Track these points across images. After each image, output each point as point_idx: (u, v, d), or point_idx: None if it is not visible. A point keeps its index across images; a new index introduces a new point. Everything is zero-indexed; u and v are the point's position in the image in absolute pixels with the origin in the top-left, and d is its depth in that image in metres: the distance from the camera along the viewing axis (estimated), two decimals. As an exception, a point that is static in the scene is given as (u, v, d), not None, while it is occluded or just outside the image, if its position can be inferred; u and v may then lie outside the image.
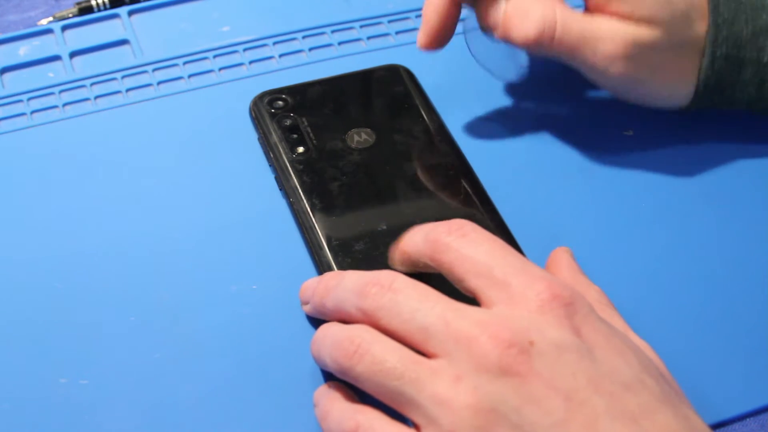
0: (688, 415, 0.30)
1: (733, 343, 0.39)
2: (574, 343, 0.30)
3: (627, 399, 0.29)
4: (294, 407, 0.37)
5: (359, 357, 0.32)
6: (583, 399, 0.29)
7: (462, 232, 0.33)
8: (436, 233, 0.34)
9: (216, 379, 0.38)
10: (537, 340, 0.30)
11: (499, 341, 0.30)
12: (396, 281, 0.33)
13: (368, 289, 0.33)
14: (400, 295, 0.32)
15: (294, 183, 0.43)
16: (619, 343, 0.31)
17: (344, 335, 0.33)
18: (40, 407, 0.37)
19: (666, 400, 0.30)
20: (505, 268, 0.32)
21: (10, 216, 0.44)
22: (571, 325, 0.30)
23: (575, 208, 0.44)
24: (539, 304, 0.31)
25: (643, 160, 0.46)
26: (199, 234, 0.43)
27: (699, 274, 0.42)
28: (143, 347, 0.39)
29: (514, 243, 0.41)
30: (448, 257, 0.33)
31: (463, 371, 0.30)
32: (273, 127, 0.46)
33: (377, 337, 0.32)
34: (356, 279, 0.34)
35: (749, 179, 0.46)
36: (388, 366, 0.31)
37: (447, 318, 0.31)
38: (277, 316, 0.40)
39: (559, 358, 0.30)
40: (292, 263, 0.42)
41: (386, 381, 0.31)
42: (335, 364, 0.33)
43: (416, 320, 0.31)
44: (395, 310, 0.32)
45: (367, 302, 0.33)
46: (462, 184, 0.43)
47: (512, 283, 0.31)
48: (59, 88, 0.49)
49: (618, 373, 0.30)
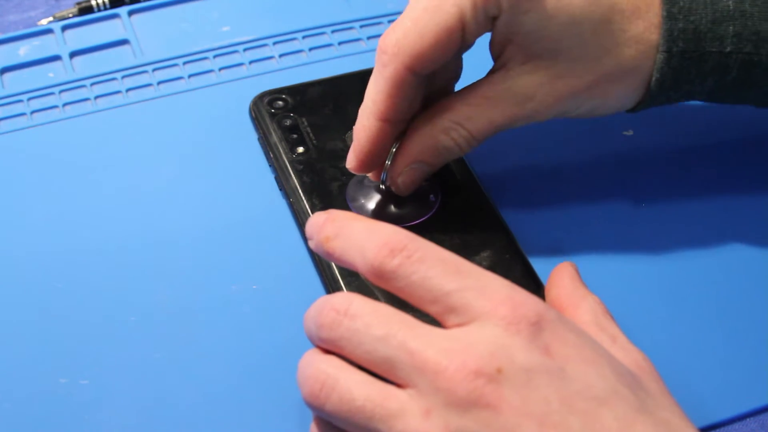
0: (669, 420, 0.30)
1: (733, 343, 0.39)
2: (543, 364, 0.29)
3: (602, 414, 0.29)
4: (294, 407, 0.37)
5: (326, 396, 0.31)
6: (556, 422, 0.28)
7: (406, 252, 0.31)
8: (377, 257, 0.31)
9: (216, 379, 0.38)
10: (505, 366, 0.29)
11: (466, 372, 0.29)
12: (352, 305, 0.31)
13: (323, 318, 0.32)
14: (357, 322, 0.31)
15: (294, 183, 0.43)
16: (591, 354, 0.30)
17: (309, 372, 0.31)
18: (40, 407, 0.37)
19: (643, 408, 0.29)
20: (463, 292, 0.30)
21: (10, 216, 0.44)
22: (539, 345, 0.30)
23: (575, 208, 0.44)
24: (504, 328, 0.30)
25: (643, 160, 0.46)
26: (199, 234, 0.43)
27: (699, 274, 0.42)
28: (143, 347, 0.39)
29: (514, 244, 0.41)
30: (396, 285, 0.31)
31: (431, 404, 0.29)
32: (273, 127, 0.46)
33: (341, 371, 0.31)
34: (314, 307, 0.33)
35: (750, 178, 0.46)
36: (357, 404, 0.30)
37: (410, 347, 0.30)
38: (277, 316, 0.40)
39: (529, 382, 0.29)
40: (292, 263, 0.42)
41: (356, 420, 0.30)
42: (307, 403, 0.32)
43: (379, 351, 0.30)
44: (355, 341, 0.31)
45: (324, 332, 0.32)
46: (458, 178, 0.43)
47: (473, 306, 0.30)
48: (59, 88, 0.49)
49: (591, 387, 0.29)
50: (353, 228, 0.33)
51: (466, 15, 0.37)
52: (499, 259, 0.40)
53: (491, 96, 0.39)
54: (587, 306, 0.35)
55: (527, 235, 0.42)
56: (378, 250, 0.31)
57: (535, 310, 0.30)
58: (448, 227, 0.41)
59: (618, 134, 0.48)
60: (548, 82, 0.38)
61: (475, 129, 0.39)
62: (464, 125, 0.39)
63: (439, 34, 0.37)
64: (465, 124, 0.39)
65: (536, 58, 0.38)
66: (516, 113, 0.39)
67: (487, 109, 0.39)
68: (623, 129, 0.48)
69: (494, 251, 0.40)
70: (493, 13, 0.37)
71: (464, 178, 0.43)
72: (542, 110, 0.39)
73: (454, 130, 0.39)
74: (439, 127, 0.39)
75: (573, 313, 0.35)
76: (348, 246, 0.32)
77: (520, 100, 0.39)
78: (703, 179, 0.46)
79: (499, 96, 0.39)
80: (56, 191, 0.45)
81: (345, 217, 0.33)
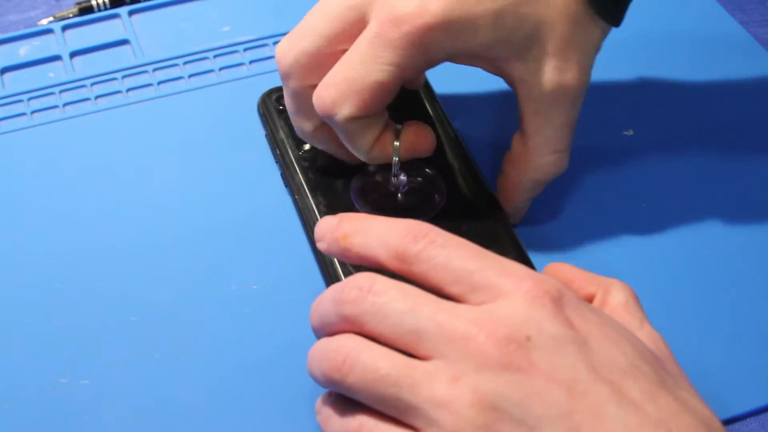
0: (686, 399, 0.30)
1: (733, 343, 0.39)
2: (570, 334, 0.30)
3: (627, 385, 0.29)
4: (294, 407, 0.37)
5: (349, 367, 0.31)
6: (585, 389, 0.29)
7: (429, 238, 0.32)
8: (401, 243, 0.32)
9: (216, 379, 0.38)
10: (533, 334, 0.30)
11: (496, 338, 0.29)
12: (376, 283, 0.31)
13: (346, 295, 0.32)
14: (382, 298, 0.31)
15: (299, 180, 0.43)
16: (612, 332, 0.31)
17: (330, 347, 0.32)
18: (40, 407, 0.37)
19: (663, 384, 0.30)
20: (486, 271, 0.31)
21: (10, 216, 0.44)
22: (564, 318, 0.30)
23: (575, 208, 0.44)
24: (529, 301, 0.30)
25: (643, 160, 0.46)
26: (199, 234, 0.43)
27: (700, 273, 0.42)
28: (143, 347, 0.39)
29: (517, 244, 0.41)
30: (419, 268, 0.32)
31: (460, 371, 0.29)
32: (280, 123, 0.46)
33: (365, 345, 0.31)
34: (334, 288, 0.33)
35: (751, 178, 0.46)
36: (382, 373, 0.30)
37: (438, 319, 0.30)
38: (278, 316, 0.40)
39: (558, 350, 0.29)
40: (296, 261, 0.42)
41: (381, 389, 0.30)
42: (325, 378, 0.32)
43: (405, 323, 0.30)
44: (381, 314, 0.31)
45: (347, 308, 0.32)
46: (463, 178, 0.43)
47: (497, 283, 0.31)
48: (59, 88, 0.50)
49: (615, 361, 0.30)
50: (372, 223, 0.33)
51: (396, 75, 0.37)
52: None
53: (539, 110, 0.39)
54: (618, 290, 0.35)
55: (529, 234, 0.42)
56: (402, 237, 0.32)
57: (557, 287, 0.31)
58: (453, 227, 0.41)
59: (618, 134, 0.48)
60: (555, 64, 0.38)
61: (557, 145, 0.40)
62: (548, 150, 0.40)
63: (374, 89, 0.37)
64: (548, 148, 0.40)
65: (521, 58, 0.38)
66: (570, 107, 0.40)
67: (549, 118, 0.39)
68: (623, 129, 0.48)
69: (498, 251, 0.40)
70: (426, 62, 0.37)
71: (469, 179, 0.43)
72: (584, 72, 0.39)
73: (545, 164, 0.40)
74: (530, 171, 0.41)
75: (603, 299, 0.35)
76: (369, 239, 0.33)
77: (560, 95, 0.39)
78: (704, 179, 0.46)
79: (543, 104, 0.39)
80: (56, 191, 0.45)
81: (361, 216, 0.34)
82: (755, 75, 0.51)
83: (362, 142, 0.39)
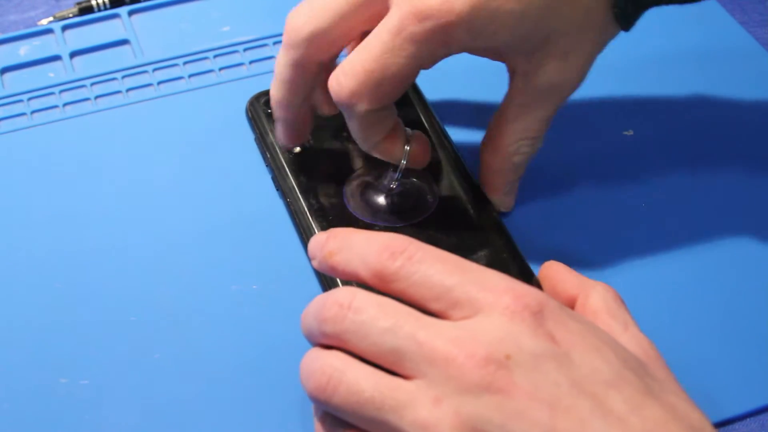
0: (674, 404, 0.30)
1: (733, 343, 0.39)
2: (550, 350, 0.30)
3: (612, 397, 0.29)
4: (294, 407, 0.37)
5: (333, 388, 0.31)
6: (567, 405, 0.29)
7: (407, 254, 0.31)
8: (378, 260, 0.32)
9: (216, 379, 0.38)
10: (513, 352, 0.29)
11: (476, 359, 0.29)
12: (355, 299, 0.31)
13: (327, 312, 0.31)
14: (362, 315, 0.31)
15: (291, 183, 0.43)
16: (595, 340, 0.31)
17: (315, 366, 0.31)
18: (40, 407, 0.37)
19: (649, 392, 0.30)
20: (465, 286, 0.31)
21: (10, 216, 0.44)
22: (544, 332, 0.30)
23: (574, 208, 0.44)
24: (509, 317, 0.30)
25: (643, 160, 0.46)
26: (199, 234, 0.43)
27: (699, 274, 0.42)
28: (143, 347, 0.39)
29: (511, 244, 0.41)
30: (398, 286, 0.31)
31: (441, 393, 0.29)
32: (269, 127, 0.45)
33: (348, 365, 0.31)
34: (316, 302, 0.33)
35: (752, 178, 0.46)
36: (366, 396, 0.30)
37: (419, 338, 0.30)
38: (277, 316, 0.40)
39: (538, 367, 0.29)
40: (292, 263, 0.42)
41: (365, 412, 0.30)
42: (312, 397, 0.32)
43: (386, 343, 0.30)
44: (361, 333, 0.31)
45: (328, 326, 0.31)
46: (456, 178, 0.43)
47: (477, 297, 0.30)
48: (59, 88, 0.50)
49: (598, 372, 0.29)
50: (353, 239, 0.33)
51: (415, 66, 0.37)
52: (496, 259, 0.40)
53: (528, 102, 0.40)
54: (597, 294, 0.35)
55: (525, 234, 0.42)
56: (379, 255, 0.32)
57: (537, 300, 0.31)
58: (446, 227, 0.41)
59: (618, 134, 0.48)
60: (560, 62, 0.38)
61: (534, 133, 0.40)
62: (525, 136, 0.40)
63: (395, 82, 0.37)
64: (525, 135, 0.40)
65: (528, 53, 0.38)
66: (557, 104, 0.40)
67: (535, 111, 0.40)
68: (623, 129, 0.48)
69: (491, 251, 0.40)
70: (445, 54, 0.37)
71: (462, 178, 0.43)
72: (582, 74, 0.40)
73: (520, 147, 0.41)
74: (506, 154, 0.41)
75: (583, 302, 0.35)
76: (350, 257, 0.33)
77: (552, 93, 0.39)
78: (704, 179, 0.46)
79: (534, 98, 0.39)
80: (56, 191, 0.45)
81: (345, 232, 0.34)
82: (755, 75, 0.51)
83: (374, 135, 0.39)
